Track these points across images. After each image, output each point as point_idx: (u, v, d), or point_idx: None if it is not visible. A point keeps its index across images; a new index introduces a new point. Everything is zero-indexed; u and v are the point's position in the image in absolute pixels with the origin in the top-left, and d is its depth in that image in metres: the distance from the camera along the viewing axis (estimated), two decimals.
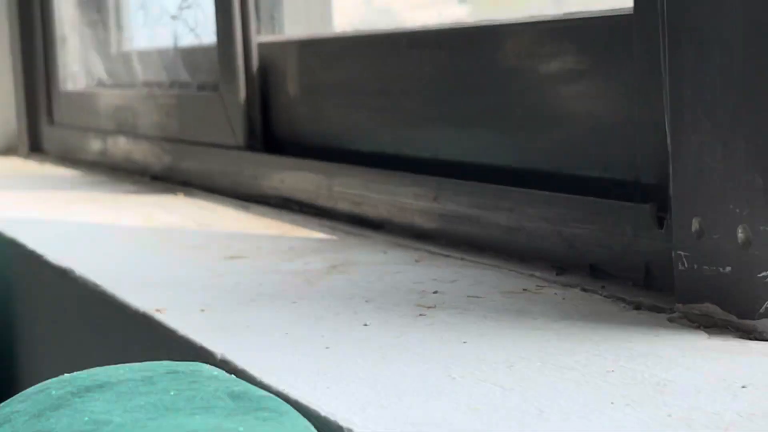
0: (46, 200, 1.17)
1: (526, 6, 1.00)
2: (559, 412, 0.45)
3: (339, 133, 0.98)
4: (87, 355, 0.79)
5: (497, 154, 0.80)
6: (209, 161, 1.15)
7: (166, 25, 1.31)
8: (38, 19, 1.63)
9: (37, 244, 0.89)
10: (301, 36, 1.07)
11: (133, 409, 0.43)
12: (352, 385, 0.50)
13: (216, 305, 0.67)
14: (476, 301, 0.65)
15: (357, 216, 0.91)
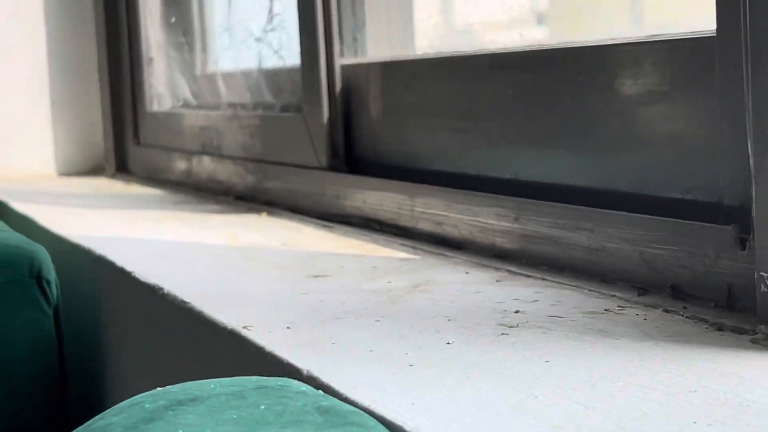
0: (132, 219, 1.19)
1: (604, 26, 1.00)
2: (641, 431, 0.46)
3: (421, 153, 1.00)
4: (174, 370, 0.81)
5: (578, 175, 0.81)
6: (292, 181, 1.16)
7: (251, 47, 1.33)
8: (126, 42, 1.67)
9: (125, 262, 0.91)
10: (384, 58, 1.08)
11: (225, 422, 0.44)
12: (436, 402, 0.51)
13: (301, 322, 0.68)
14: (558, 320, 0.65)
15: (438, 236, 0.92)
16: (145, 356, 0.89)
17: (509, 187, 0.87)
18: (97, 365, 1.02)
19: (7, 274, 0.98)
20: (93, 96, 1.76)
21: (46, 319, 0.99)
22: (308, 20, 1.11)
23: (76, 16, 1.76)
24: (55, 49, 1.75)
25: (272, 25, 1.26)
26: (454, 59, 0.96)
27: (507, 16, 1.06)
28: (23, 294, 0.98)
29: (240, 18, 1.40)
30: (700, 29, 0.69)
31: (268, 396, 0.47)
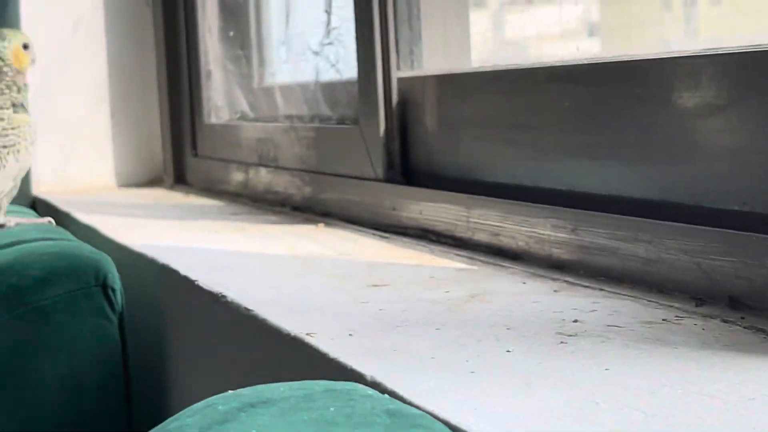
0: (192, 229, 1.21)
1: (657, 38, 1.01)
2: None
3: (477, 165, 1.01)
4: (237, 376, 0.83)
5: (635, 187, 0.82)
6: (349, 192, 1.18)
7: (308, 60, 1.35)
8: (185, 55, 1.69)
9: (189, 270, 0.93)
10: (440, 71, 1.09)
11: (296, 423, 0.46)
12: (498, 407, 0.53)
13: (363, 330, 0.70)
14: (616, 330, 0.66)
15: (495, 247, 0.93)
16: (208, 362, 0.91)
17: (566, 199, 0.88)
18: (160, 371, 1.04)
19: (74, 283, 1.01)
20: (152, 108, 1.79)
21: (111, 326, 1.01)
22: (365, 34, 1.13)
23: (136, 30, 1.79)
24: (115, 62, 1.78)
25: (330, 38, 1.28)
26: (510, 72, 0.97)
27: (558, 29, 1.07)
28: (89, 302, 1.01)
29: (297, 32, 1.42)
30: (759, 42, 0.70)
31: (337, 399, 0.48)
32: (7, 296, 1.00)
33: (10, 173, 1.12)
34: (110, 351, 1.01)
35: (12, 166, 1.12)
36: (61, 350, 1.01)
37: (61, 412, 1.01)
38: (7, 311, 1.00)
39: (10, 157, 1.12)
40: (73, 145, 1.77)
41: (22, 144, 1.12)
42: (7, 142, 1.12)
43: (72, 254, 1.03)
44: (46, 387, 1.01)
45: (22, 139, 1.12)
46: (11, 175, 1.12)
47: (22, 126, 1.12)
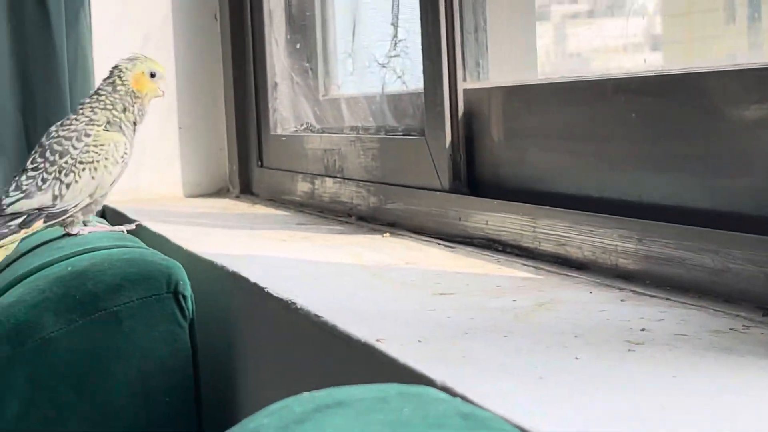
0: (260, 238, 1.23)
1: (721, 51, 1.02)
2: None
3: (542, 176, 1.02)
4: (307, 382, 0.84)
5: (702, 197, 0.82)
6: (414, 203, 1.19)
7: (374, 72, 1.37)
8: (251, 67, 1.72)
9: (258, 278, 0.95)
10: (506, 82, 1.10)
11: (371, 424, 0.47)
12: (568, 412, 0.54)
13: (431, 337, 0.71)
14: (684, 338, 0.67)
15: (561, 256, 0.94)
16: (277, 368, 0.93)
17: (632, 209, 0.88)
18: (229, 378, 1.06)
19: (146, 290, 1.03)
20: (219, 120, 1.82)
21: (182, 332, 1.03)
22: (432, 46, 1.14)
23: (204, 43, 1.82)
24: (183, 75, 1.81)
25: (396, 50, 1.29)
26: (576, 84, 0.98)
27: (621, 42, 1.07)
28: (161, 308, 1.03)
29: (364, 44, 1.44)
30: None
31: (410, 401, 0.49)
32: (82, 302, 1.03)
33: (84, 189, 1.14)
34: (181, 357, 1.03)
35: (87, 182, 1.14)
36: (133, 356, 1.03)
37: (132, 417, 1.03)
38: (81, 317, 1.02)
39: (85, 173, 1.14)
40: (142, 156, 1.80)
41: (102, 162, 1.14)
42: (85, 158, 1.14)
43: (144, 261, 1.05)
44: (117, 392, 1.03)
45: (102, 157, 1.14)
46: (86, 191, 1.14)
47: (106, 144, 1.14)
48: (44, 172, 1.13)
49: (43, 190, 1.12)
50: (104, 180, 1.14)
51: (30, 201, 1.12)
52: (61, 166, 1.13)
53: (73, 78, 1.74)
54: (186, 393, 1.03)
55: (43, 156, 1.15)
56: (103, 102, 1.16)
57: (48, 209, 1.13)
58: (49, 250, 1.16)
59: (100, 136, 1.15)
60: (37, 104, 1.73)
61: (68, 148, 1.14)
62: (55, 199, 1.13)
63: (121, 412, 1.02)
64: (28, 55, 1.73)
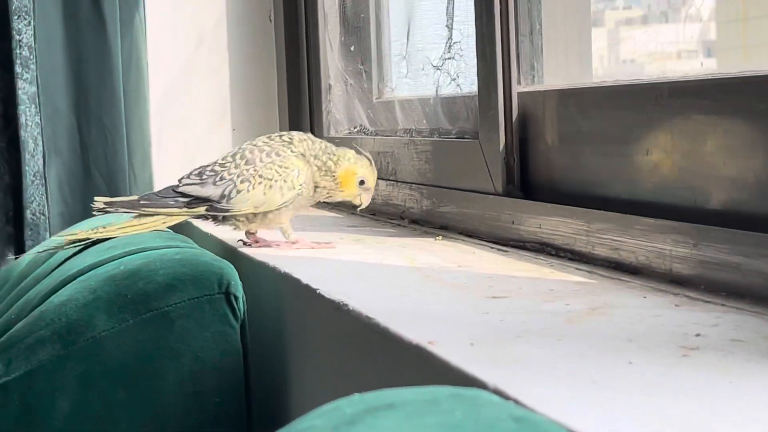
0: (312, 240, 1.23)
1: None
2: None
3: (596, 180, 1.01)
4: (357, 383, 0.84)
5: (758, 202, 0.81)
6: (467, 206, 1.19)
7: (428, 74, 1.36)
8: (305, 69, 1.72)
9: (310, 279, 0.95)
10: (561, 86, 1.10)
11: (422, 427, 0.46)
12: (622, 417, 0.53)
13: (484, 340, 0.71)
14: (740, 344, 0.66)
15: (614, 261, 0.93)
16: (327, 370, 0.93)
17: (687, 214, 0.87)
18: (280, 379, 1.06)
19: (197, 290, 1.03)
20: (273, 122, 1.82)
21: (233, 333, 1.03)
22: (487, 48, 1.14)
23: (258, 44, 1.82)
24: (237, 76, 1.82)
25: (450, 53, 1.29)
26: (632, 87, 0.97)
27: (674, 48, 1.06)
28: (213, 309, 1.03)
29: (418, 47, 1.43)
30: None
31: (462, 404, 0.49)
32: (134, 301, 1.03)
33: (251, 200, 1.15)
34: (232, 357, 1.03)
35: (257, 196, 1.15)
36: (184, 355, 1.03)
37: (182, 417, 1.03)
38: (132, 316, 1.03)
39: (260, 187, 1.15)
40: (194, 157, 1.80)
41: (279, 183, 1.15)
42: (266, 173, 1.15)
43: (196, 261, 1.06)
44: (168, 391, 1.03)
45: (282, 178, 1.15)
46: (252, 202, 1.15)
47: (291, 168, 1.15)
48: (227, 172, 1.16)
49: (217, 186, 1.15)
50: (273, 199, 1.15)
51: (201, 189, 1.16)
52: (243, 173, 1.16)
53: (127, 79, 1.75)
54: (236, 394, 1.04)
55: (234, 157, 1.18)
56: (313, 145, 1.18)
57: (213, 203, 1.15)
58: (101, 250, 1.17)
59: (289, 159, 1.16)
60: (90, 105, 1.75)
61: (256, 159, 1.17)
62: (222, 198, 1.15)
63: (171, 412, 1.03)
64: (82, 55, 1.74)
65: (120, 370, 1.02)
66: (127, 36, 1.75)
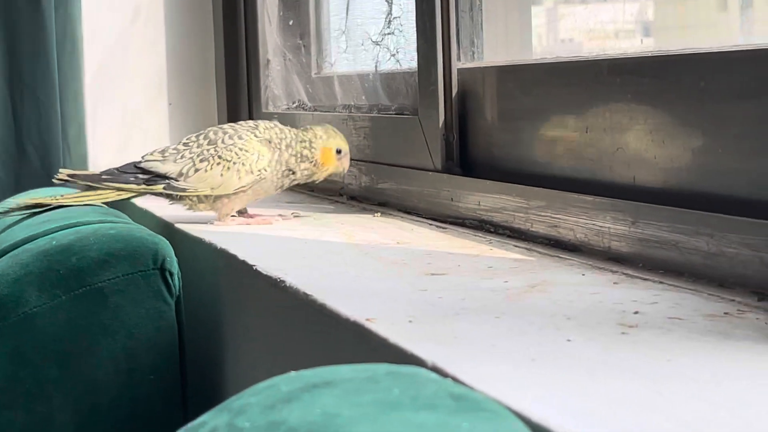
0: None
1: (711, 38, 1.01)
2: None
3: (536, 157, 1.01)
4: (294, 361, 0.83)
5: (696, 180, 0.81)
6: (406, 183, 1.18)
7: (368, 50, 1.35)
8: (243, 44, 1.70)
9: (247, 256, 0.93)
10: (501, 62, 1.09)
11: (360, 405, 0.46)
12: (561, 395, 0.52)
13: (422, 317, 0.70)
14: (678, 322, 0.66)
15: (553, 238, 0.93)
16: (264, 347, 0.92)
17: (626, 191, 0.87)
18: (216, 355, 1.05)
19: (132, 265, 1.01)
20: (210, 97, 1.80)
21: (168, 309, 1.02)
22: (427, 24, 1.13)
23: (195, 19, 1.80)
24: (174, 50, 1.79)
25: (390, 28, 1.28)
26: (572, 64, 0.96)
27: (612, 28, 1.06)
28: (148, 285, 1.01)
29: (357, 22, 1.42)
30: None
31: (401, 381, 0.48)
32: (66, 277, 1.01)
33: (208, 180, 1.14)
34: (167, 334, 1.02)
35: (213, 177, 1.14)
36: (118, 332, 1.02)
37: (116, 394, 1.02)
38: (65, 292, 1.01)
39: (217, 167, 1.13)
40: (131, 131, 1.78)
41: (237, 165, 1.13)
42: (225, 155, 1.14)
43: (131, 237, 1.04)
44: (102, 368, 1.02)
45: (240, 161, 1.14)
46: (209, 183, 1.14)
47: (251, 152, 1.14)
48: (188, 150, 1.16)
49: (177, 163, 1.15)
50: (230, 182, 1.14)
51: (162, 165, 1.15)
52: (203, 152, 1.15)
53: (62, 52, 1.72)
54: (171, 371, 1.02)
55: (198, 137, 1.18)
56: (282, 132, 1.17)
57: (171, 180, 1.14)
58: (34, 224, 1.15)
59: (251, 143, 1.15)
60: (24, 79, 1.72)
61: (218, 140, 1.16)
62: (180, 176, 1.14)
63: (105, 388, 1.01)
64: (15, 28, 1.71)
65: (52, 346, 1.01)
66: (61, 8, 1.72)
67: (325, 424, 0.44)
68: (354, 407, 0.45)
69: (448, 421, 0.43)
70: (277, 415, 0.47)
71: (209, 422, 0.50)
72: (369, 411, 0.45)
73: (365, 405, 0.45)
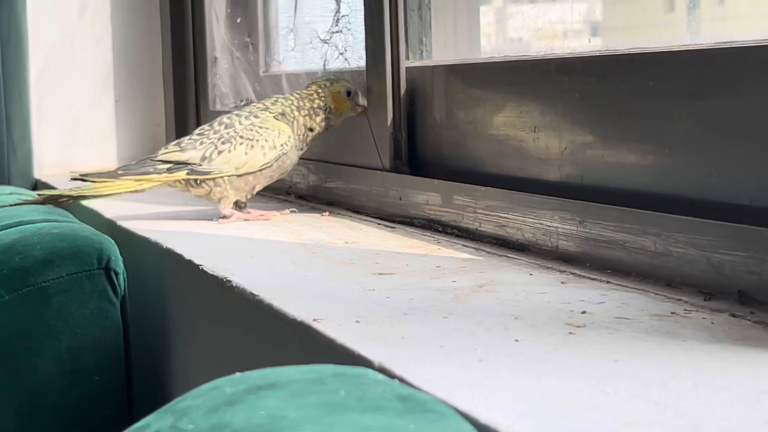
0: (196, 215, 1.21)
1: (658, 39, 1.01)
2: (715, 429, 0.46)
3: (484, 156, 1.00)
4: (241, 361, 0.82)
5: (644, 179, 0.81)
6: (355, 182, 1.18)
7: (316, 48, 1.34)
8: (191, 41, 1.69)
9: (193, 255, 0.92)
10: (449, 61, 1.09)
11: (306, 406, 0.45)
12: (508, 395, 0.52)
13: (370, 317, 0.69)
14: (625, 322, 0.66)
15: (501, 238, 0.93)
16: (210, 347, 0.91)
17: (573, 191, 0.87)
18: (162, 356, 1.04)
19: (76, 265, 1.00)
20: (157, 94, 1.78)
21: (113, 309, 1.01)
22: (375, 22, 1.12)
23: (142, 16, 1.78)
24: (121, 47, 1.77)
25: (338, 26, 1.27)
26: (520, 63, 0.96)
27: (561, 27, 1.07)
28: (92, 284, 1.00)
29: (306, 20, 1.41)
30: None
31: (347, 383, 0.48)
32: (9, 277, 1.00)
33: (233, 160, 1.14)
34: (111, 334, 1.01)
35: (238, 156, 1.14)
36: (62, 332, 1.00)
37: (60, 394, 1.01)
38: (8, 292, 1.00)
39: (241, 147, 1.14)
40: (77, 128, 1.77)
41: (260, 142, 1.14)
42: (246, 134, 1.15)
43: (75, 236, 1.03)
44: (46, 369, 1.00)
45: (263, 138, 1.14)
46: (234, 162, 1.14)
47: (271, 129, 1.14)
48: (205, 137, 1.16)
49: (197, 150, 1.15)
50: (255, 159, 1.14)
51: (182, 154, 1.15)
52: (222, 135, 1.15)
53: (6, 48, 1.70)
54: (116, 371, 1.01)
55: (211, 126, 1.18)
56: (288, 99, 1.18)
57: (193, 165, 1.14)
58: None
59: (268, 120, 1.16)
60: None
61: (235, 122, 1.16)
62: (203, 159, 1.14)
63: (49, 389, 1.00)
64: None
65: None
66: (5, 3, 1.70)
67: (270, 426, 0.43)
68: (299, 409, 0.45)
69: (394, 423, 0.42)
70: (221, 418, 0.46)
71: (153, 424, 0.49)
72: (314, 413, 0.44)
73: (311, 407, 0.45)
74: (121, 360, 1.01)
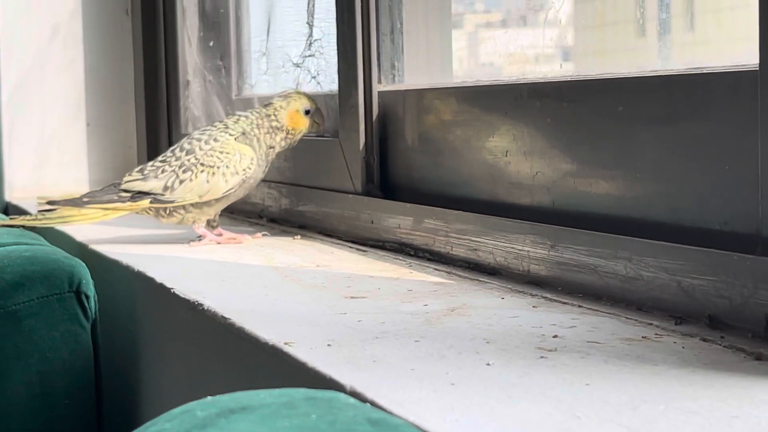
0: (167, 238, 1.20)
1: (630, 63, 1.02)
2: None
3: (455, 180, 1.01)
4: (212, 385, 0.82)
5: (615, 204, 0.82)
6: (327, 205, 1.18)
7: (288, 72, 1.35)
8: (163, 64, 1.69)
9: (164, 278, 0.92)
10: (421, 85, 1.09)
11: (278, 430, 0.45)
12: (479, 419, 0.52)
13: (341, 341, 0.69)
14: (596, 346, 0.66)
15: (473, 262, 0.93)
16: (182, 371, 0.91)
17: (545, 216, 0.88)
18: (133, 379, 1.03)
19: (47, 288, 1.00)
20: (128, 117, 1.78)
21: (83, 332, 1.00)
22: (347, 47, 1.13)
23: (114, 39, 1.78)
24: (92, 70, 1.77)
25: (311, 50, 1.28)
26: (492, 88, 0.97)
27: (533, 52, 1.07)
28: (62, 308, 1.00)
29: (278, 44, 1.42)
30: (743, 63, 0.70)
31: (318, 407, 0.48)
32: None
33: (195, 189, 1.13)
34: (82, 358, 1.00)
35: (200, 184, 1.13)
36: (32, 356, 1.00)
37: (30, 418, 1.00)
38: None
39: (202, 175, 1.13)
40: (48, 151, 1.76)
41: (221, 169, 1.13)
42: (207, 161, 1.14)
43: (46, 259, 1.02)
44: (15, 393, 1.00)
45: (224, 164, 1.13)
46: (197, 191, 1.13)
47: (232, 153, 1.13)
48: (167, 165, 1.15)
49: (159, 179, 1.14)
50: (217, 187, 1.13)
51: (144, 183, 1.14)
52: (183, 163, 1.14)
53: None
54: (86, 395, 1.01)
55: (173, 151, 1.17)
56: (248, 118, 1.16)
57: (156, 195, 1.14)
58: None
59: (228, 144, 1.14)
60: None
61: (195, 147, 1.15)
62: (166, 189, 1.14)
63: (18, 413, 0.99)
64: None
65: None
66: None
67: None
68: None
69: None
70: None
71: None
72: None
73: (282, 430, 0.45)
74: (91, 384, 1.01)
